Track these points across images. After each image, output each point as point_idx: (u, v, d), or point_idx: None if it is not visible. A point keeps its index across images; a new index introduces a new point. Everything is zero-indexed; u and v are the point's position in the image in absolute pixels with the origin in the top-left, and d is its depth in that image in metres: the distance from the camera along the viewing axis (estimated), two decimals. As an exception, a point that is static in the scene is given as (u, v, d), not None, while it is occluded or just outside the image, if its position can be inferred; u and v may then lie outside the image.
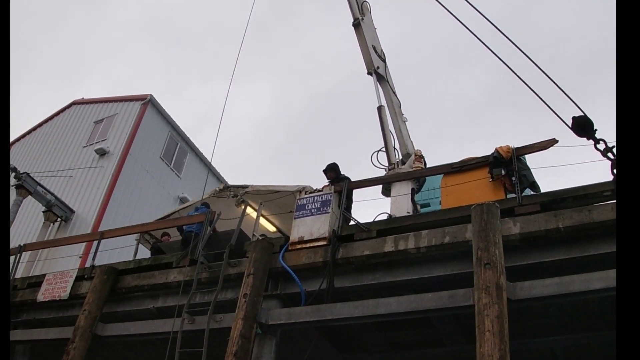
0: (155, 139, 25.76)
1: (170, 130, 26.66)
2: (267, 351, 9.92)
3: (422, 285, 9.39)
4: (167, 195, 25.29)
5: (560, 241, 8.75)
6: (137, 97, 26.41)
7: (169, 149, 26.38)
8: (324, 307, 9.60)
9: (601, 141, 5.92)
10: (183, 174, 26.80)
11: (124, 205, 22.95)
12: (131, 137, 24.46)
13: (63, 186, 24.40)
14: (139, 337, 11.96)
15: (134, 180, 23.94)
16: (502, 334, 7.69)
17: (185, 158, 27.24)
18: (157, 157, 25.64)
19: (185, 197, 25.23)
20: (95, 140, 25.92)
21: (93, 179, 23.95)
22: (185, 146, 27.41)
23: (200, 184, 24.55)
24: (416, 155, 13.44)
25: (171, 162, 26.28)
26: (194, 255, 11.58)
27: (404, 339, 11.61)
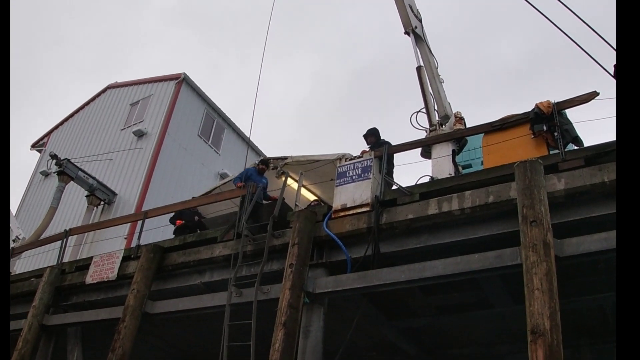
0: (191, 117, 25.88)
1: (206, 107, 26.75)
2: (316, 320, 9.96)
3: (468, 247, 9.31)
4: (207, 172, 25.45)
5: (606, 195, 8.57)
6: (170, 76, 26.52)
7: (206, 126, 26.50)
8: (370, 273, 9.59)
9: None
10: (222, 150, 26.93)
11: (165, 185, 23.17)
12: (167, 116, 24.60)
13: (104, 170, 24.70)
14: (187, 312, 12.07)
15: (173, 160, 24.12)
16: (552, 292, 7.61)
17: (223, 134, 27.35)
18: (194, 134, 25.78)
19: (225, 172, 25.36)
20: (132, 123, 26.16)
21: (133, 161, 24.19)
22: (222, 122, 27.49)
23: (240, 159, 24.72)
24: (456, 117, 13.28)
25: (209, 139, 26.42)
26: (238, 228, 11.61)
27: (451, 302, 11.56)
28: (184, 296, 12.19)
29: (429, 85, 13.95)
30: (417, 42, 14.63)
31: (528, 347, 7.47)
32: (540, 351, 7.31)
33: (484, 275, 9.41)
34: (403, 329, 12.63)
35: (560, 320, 7.54)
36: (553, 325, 7.42)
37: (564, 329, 7.67)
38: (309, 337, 9.83)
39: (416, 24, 14.72)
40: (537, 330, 7.43)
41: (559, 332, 7.43)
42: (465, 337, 13.20)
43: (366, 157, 11.05)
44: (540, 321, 7.47)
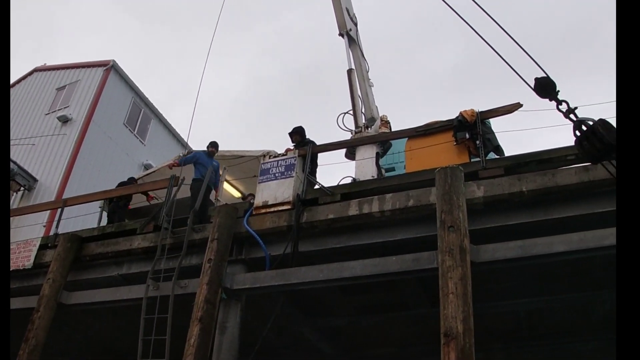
0: (118, 105, 25.36)
1: (134, 97, 26.26)
2: (233, 316, 9.93)
3: (386, 249, 9.42)
4: (131, 162, 24.99)
5: (523, 205, 8.84)
6: (99, 63, 25.93)
7: (133, 116, 26.02)
8: (288, 271, 9.62)
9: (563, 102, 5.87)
10: (147, 141, 26.49)
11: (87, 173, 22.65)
12: (94, 103, 24.05)
13: (25, 155, 23.98)
14: (104, 304, 11.85)
15: (97, 148, 23.60)
16: (466, 296, 7.76)
17: (150, 124, 26.90)
18: (120, 123, 25.27)
19: (150, 163, 24.94)
20: (57, 108, 25.45)
21: (56, 147, 23.56)
22: (150, 112, 27.06)
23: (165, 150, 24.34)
24: (382, 120, 13.44)
25: (135, 129, 25.94)
26: (158, 221, 11.46)
27: (369, 302, 11.68)
28: (101, 287, 11.94)
29: (358, 88, 14.08)
30: (350, 44, 14.74)
31: (441, 350, 7.58)
32: (452, 354, 7.45)
33: (402, 278, 9.52)
34: (321, 327, 12.68)
35: (474, 324, 7.70)
36: (466, 329, 7.56)
37: (478, 332, 7.83)
38: (225, 333, 9.80)
39: (351, 27, 14.82)
40: (450, 333, 7.56)
41: (472, 336, 7.58)
42: (382, 338, 13.32)
43: (290, 155, 11.07)
44: (453, 324, 7.59)
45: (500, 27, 6.31)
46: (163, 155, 24.64)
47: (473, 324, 7.69)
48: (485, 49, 6.10)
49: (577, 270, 10.14)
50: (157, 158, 25.14)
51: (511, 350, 12.95)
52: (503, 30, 6.23)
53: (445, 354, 7.53)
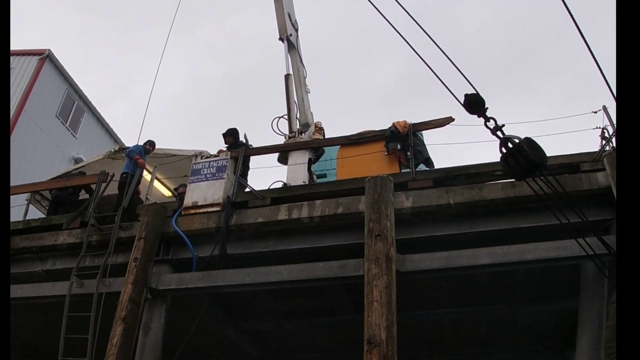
0: (51, 96, 24.72)
1: (68, 88, 25.66)
2: (157, 316, 9.84)
3: (314, 255, 9.48)
4: (62, 155, 24.41)
5: (451, 217, 9.03)
6: (34, 51, 25.25)
7: (66, 108, 25.42)
8: (215, 273, 9.57)
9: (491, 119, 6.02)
10: (79, 134, 25.93)
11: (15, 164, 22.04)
12: (26, 93, 23.42)
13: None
14: (26, 300, 11.54)
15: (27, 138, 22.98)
16: (390, 305, 7.86)
17: (82, 117, 26.33)
18: (52, 115, 24.69)
19: (80, 157, 24.39)
20: (-13, 95, 24.75)
21: (-16, 134, 22.90)
22: (83, 105, 26.48)
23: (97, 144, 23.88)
24: (316, 126, 13.48)
25: (67, 121, 25.36)
26: (84, 217, 11.25)
27: (296, 307, 11.69)
28: (24, 283, 11.66)
29: (295, 93, 14.11)
30: (290, 49, 14.78)
31: (364, 357, 7.65)
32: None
33: (328, 284, 9.62)
34: (247, 331, 12.66)
35: (400, 332, 7.80)
36: (389, 337, 7.65)
37: (404, 340, 7.97)
38: (149, 334, 9.70)
39: (292, 32, 14.86)
40: (373, 341, 7.64)
41: (395, 344, 7.68)
42: (307, 342, 13.37)
43: (222, 156, 11.01)
44: (377, 332, 7.68)
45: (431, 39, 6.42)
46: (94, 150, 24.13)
47: (396, 332, 7.78)
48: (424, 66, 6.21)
49: (500, 282, 10.37)
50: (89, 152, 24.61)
51: (435, 358, 13.15)
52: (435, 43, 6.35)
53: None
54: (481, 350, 13.05)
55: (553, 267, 9.37)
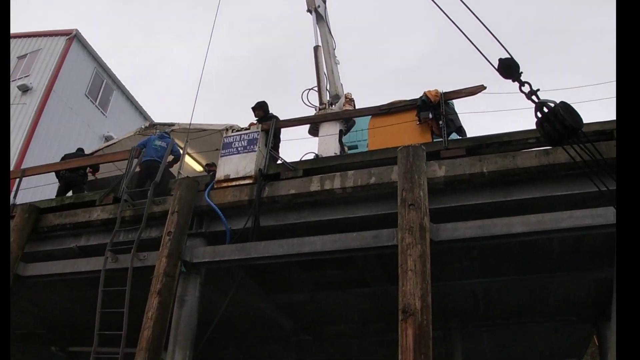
0: (80, 75, 24.97)
1: (96, 67, 25.86)
2: (192, 289, 9.89)
3: (347, 225, 9.44)
4: (93, 133, 24.66)
5: (484, 185, 8.91)
6: (62, 32, 25.45)
7: (95, 87, 25.64)
8: (248, 245, 9.59)
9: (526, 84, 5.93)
10: (109, 112, 26.13)
11: (47, 143, 22.31)
12: (55, 73, 23.65)
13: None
14: (61, 276, 11.68)
15: (57, 118, 23.24)
16: (424, 274, 7.82)
17: (111, 96, 26.54)
18: (82, 94, 24.90)
19: (111, 135, 24.62)
20: (18, 77, 24.95)
21: (15, 117, 23.13)
22: (112, 84, 26.68)
23: (126, 122, 24.03)
24: (346, 98, 13.40)
25: (96, 100, 25.58)
26: (117, 193, 11.33)
27: (328, 278, 11.68)
28: (59, 259, 11.79)
29: (324, 64, 14.05)
30: (318, 21, 14.70)
31: (399, 326, 7.64)
32: (410, 330, 7.51)
33: (361, 254, 9.56)
34: (280, 303, 12.71)
35: (433, 302, 7.76)
36: (424, 306, 7.62)
37: (436, 311, 7.91)
38: (184, 307, 9.75)
39: (319, 4, 14.76)
40: (408, 310, 7.61)
41: (429, 313, 7.65)
42: (341, 314, 13.39)
43: (253, 129, 10.99)
44: (411, 301, 7.65)
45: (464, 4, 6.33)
46: (124, 127, 24.33)
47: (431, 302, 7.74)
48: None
49: (534, 252, 10.27)
50: (119, 130, 24.83)
51: (468, 329, 13.13)
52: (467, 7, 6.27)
53: (403, 330, 7.59)
54: (514, 321, 12.98)
55: (588, 236, 9.27)
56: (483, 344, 14.74)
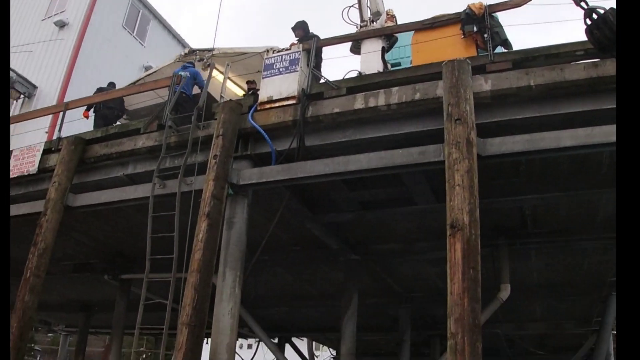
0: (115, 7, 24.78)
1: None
2: (240, 211, 10.00)
3: (392, 143, 9.35)
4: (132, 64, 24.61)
5: (531, 99, 8.69)
6: (96, -36, 25.23)
7: (131, 17, 25.49)
8: (294, 165, 9.62)
9: (575, -11, 5.72)
10: (147, 42, 26.06)
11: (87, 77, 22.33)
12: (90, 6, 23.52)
13: (23, 62, 23.60)
14: (110, 205, 11.90)
15: (95, 51, 23.23)
16: (472, 189, 7.77)
17: (149, 26, 26.41)
18: (119, 26, 24.80)
19: (150, 65, 24.54)
20: (53, 13, 24.87)
21: (54, 53, 23.20)
22: (148, 13, 26.50)
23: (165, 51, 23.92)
24: (388, 14, 13.12)
25: (134, 31, 25.49)
26: (161, 119, 11.37)
27: (375, 197, 11.70)
28: (107, 189, 11.98)
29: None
30: None
31: (447, 241, 7.64)
32: (458, 245, 7.52)
33: (407, 171, 9.52)
34: (327, 223, 12.79)
35: (480, 219, 7.72)
36: (472, 221, 7.60)
37: (484, 228, 7.89)
38: (233, 229, 9.88)
39: None
40: (456, 225, 7.61)
41: (477, 228, 7.62)
42: (388, 233, 13.48)
43: (294, 49, 10.85)
44: (459, 216, 7.64)
45: None
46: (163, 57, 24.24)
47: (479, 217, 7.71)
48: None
49: (583, 167, 10.13)
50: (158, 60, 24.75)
51: (516, 246, 13.09)
52: None
53: (451, 245, 7.60)
54: (561, 238, 12.88)
55: (638, 150, 9.07)
56: (530, 261, 14.73)
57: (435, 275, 15.63)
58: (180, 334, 8.98)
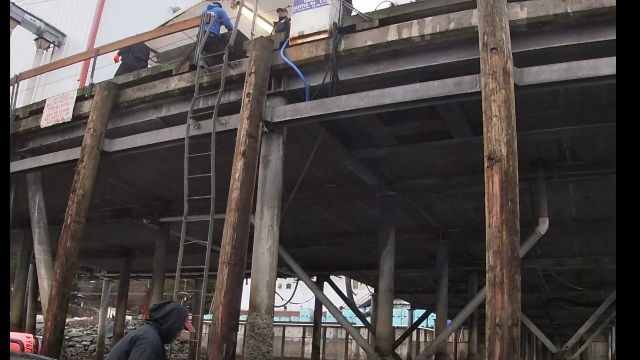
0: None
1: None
2: (275, 149, 10.00)
3: (427, 74, 9.20)
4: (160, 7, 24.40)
5: (569, 27, 8.41)
6: None
7: (159, -41, 25.23)
8: (328, 100, 9.52)
9: None
10: (174, -16, 25.78)
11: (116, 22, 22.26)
12: (117, -50, 23.31)
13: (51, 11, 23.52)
14: (146, 148, 11.96)
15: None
16: (510, 119, 7.65)
17: (176, -35, 26.11)
18: (146, -32, 24.56)
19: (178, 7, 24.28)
20: (80, -44, 24.73)
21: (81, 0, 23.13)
22: (175, -48, 26.18)
23: (193, -9, 23.62)
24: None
25: (161, -28, 25.21)
26: (193, 60, 11.29)
27: (410, 131, 11.60)
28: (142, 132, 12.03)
29: None
30: None
31: (484, 173, 7.56)
32: (496, 177, 7.46)
33: (443, 103, 9.37)
34: (363, 159, 12.75)
35: (517, 152, 7.63)
36: (510, 152, 7.53)
37: (521, 162, 7.80)
38: (269, 167, 9.90)
39: None
40: (493, 156, 7.53)
41: (515, 159, 7.55)
42: (424, 168, 13.43)
43: (324, -19, 10.61)
44: (497, 147, 7.55)
45: None
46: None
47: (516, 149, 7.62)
48: None
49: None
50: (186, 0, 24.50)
51: (554, 179, 12.93)
52: None
53: (489, 177, 7.53)
54: (600, 171, 12.66)
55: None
56: (569, 195, 14.60)
57: (472, 210, 15.55)
58: (221, 273, 9.11)
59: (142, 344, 5.54)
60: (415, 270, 24.00)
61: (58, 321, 11.25)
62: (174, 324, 5.92)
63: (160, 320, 5.88)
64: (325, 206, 16.06)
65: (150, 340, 5.62)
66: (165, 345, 5.99)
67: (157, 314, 5.93)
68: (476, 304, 14.21)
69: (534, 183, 12.87)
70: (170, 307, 6.03)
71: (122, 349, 5.62)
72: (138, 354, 5.48)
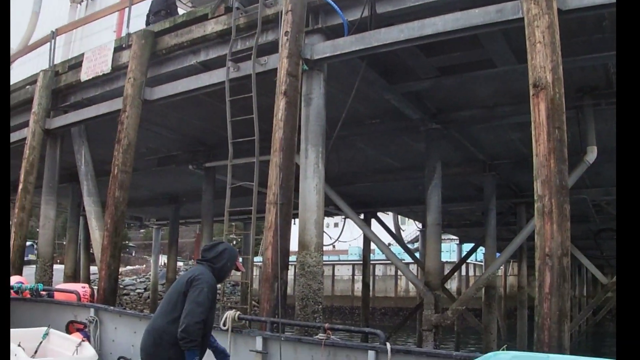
0: None
1: None
2: (317, 87, 9.91)
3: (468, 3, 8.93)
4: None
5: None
6: None
7: None
8: (368, 34, 9.36)
9: None
10: None
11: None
12: None
13: (82, -37, 23.49)
14: (187, 94, 12.02)
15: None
16: (554, 45, 7.45)
17: None
18: None
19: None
20: None
21: (110, -47, 22.96)
22: None
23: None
24: None
25: None
26: (228, 2, 11.19)
27: (453, 62, 11.37)
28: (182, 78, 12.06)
29: None
30: None
31: (530, 101, 7.44)
32: (542, 105, 7.35)
33: (485, 31, 9.13)
34: (405, 93, 12.58)
35: (563, 80, 7.46)
36: (555, 79, 7.36)
37: (567, 89, 7.68)
38: (311, 105, 9.85)
39: None
40: (539, 84, 7.40)
41: (561, 86, 7.40)
42: (468, 99, 13.20)
43: None
44: (542, 74, 7.40)
45: None
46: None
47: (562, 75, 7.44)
48: None
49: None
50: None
51: (601, 106, 12.62)
52: None
53: (535, 105, 7.41)
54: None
55: None
56: (617, 123, 14.23)
57: (518, 141, 15.32)
58: (269, 213, 9.20)
59: (199, 284, 5.64)
60: (463, 204, 23.95)
61: (112, 270, 11.56)
62: (226, 263, 6.02)
63: (213, 260, 5.97)
64: (370, 142, 15.99)
65: (207, 280, 5.72)
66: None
67: (210, 253, 6.02)
68: (525, 235, 14.08)
69: (581, 111, 12.61)
70: (222, 247, 6.12)
71: (179, 290, 5.73)
72: (196, 294, 5.59)
